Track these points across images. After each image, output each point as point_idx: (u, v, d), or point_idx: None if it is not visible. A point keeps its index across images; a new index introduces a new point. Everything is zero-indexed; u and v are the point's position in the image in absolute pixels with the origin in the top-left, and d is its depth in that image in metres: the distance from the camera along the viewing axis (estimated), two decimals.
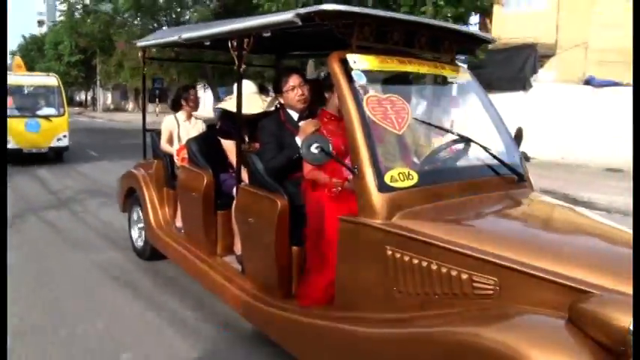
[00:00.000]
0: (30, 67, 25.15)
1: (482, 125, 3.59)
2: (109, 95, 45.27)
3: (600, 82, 14.27)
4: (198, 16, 20.44)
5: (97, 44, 28.56)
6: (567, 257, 2.23)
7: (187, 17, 22.32)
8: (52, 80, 12.90)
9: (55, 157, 12.59)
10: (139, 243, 5.60)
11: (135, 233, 5.72)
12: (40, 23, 68.78)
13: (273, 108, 4.09)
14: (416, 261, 2.47)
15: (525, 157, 3.57)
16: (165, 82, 26.14)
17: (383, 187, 2.63)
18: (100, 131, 23.13)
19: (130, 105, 42.95)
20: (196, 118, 5.49)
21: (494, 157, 3.26)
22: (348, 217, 2.75)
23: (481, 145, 3.24)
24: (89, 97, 46.92)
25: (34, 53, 47.43)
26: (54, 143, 12.19)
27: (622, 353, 1.82)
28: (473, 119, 3.65)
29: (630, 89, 11.63)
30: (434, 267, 2.41)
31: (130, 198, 5.74)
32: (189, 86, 5.70)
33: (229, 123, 4.27)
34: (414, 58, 3.34)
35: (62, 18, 27.85)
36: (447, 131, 3.29)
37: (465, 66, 3.75)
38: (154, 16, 22.06)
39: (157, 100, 19.97)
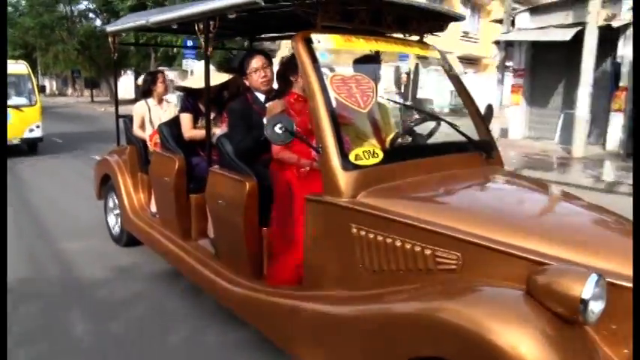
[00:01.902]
0: None
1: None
2: (54, 82, 50.28)
3: None
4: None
5: (35, 41, 31.70)
6: (527, 231, 2.26)
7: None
8: (21, 68, 12.14)
9: (28, 149, 11.95)
10: (116, 230, 5.57)
11: (111, 220, 5.69)
12: None
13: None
14: (380, 238, 2.49)
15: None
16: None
17: (347, 165, 2.64)
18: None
19: (70, 90, 48.60)
20: (167, 102, 5.45)
21: (462, 134, 3.28)
22: (313, 196, 2.76)
23: (449, 123, 3.26)
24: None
25: None
26: (26, 134, 11.57)
27: (576, 322, 1.86)
28: (442, 97, 3.66)
29: None
30: (398, 243, 2.43)
31: (106, 185, 5.70)
32: (156, 72, 5.64)
33: (190, 100, 4.47)
34: (381, 37, 3.33)
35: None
36: (415, 109, 3.29)
37: None
38: None
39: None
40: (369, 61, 3.72)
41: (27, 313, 3.92)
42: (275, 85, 3.75)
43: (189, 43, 15.38)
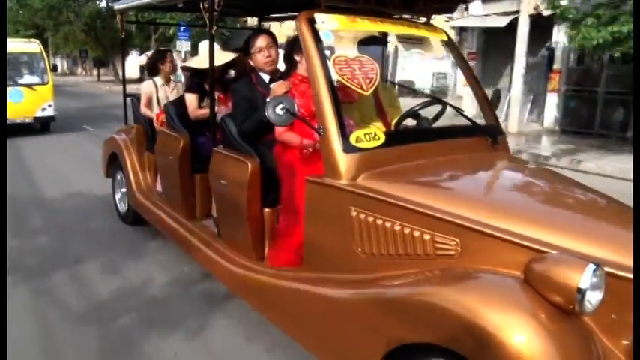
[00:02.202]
0: None
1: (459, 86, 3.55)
2: (65, 62, 52.52)
3: None
4: None
5: (44, 22, 32.71)
6: (527, 218, 2.23)
7: None
8: (33, 47, 12.21)
9: (41, 128, 12.11)
10: (123, 208, 5.61)
11: (118, 198, 5.73)
12: None
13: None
14: (380, 222, 2.47)
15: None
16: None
17: (348, 147, 2.61)
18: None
19: (79, 69, 50.78)
20: (175, 82, 5.43)
21: (467, 118, 3.24)
22: (314, 177, 2.74)
23: (454, 107, 3.22)
24: None
25: None
26: (39, 113, 11.64)
27: (572, 312, 1.84)
28: (424, 79, 3.61)
29: None
30: (397, 228, 2.41)
31: (113, 164, 5.72)
32: (165, 50, 5.62)
33: (195, 80, 4.44)
34: (387, 18, 3.28)
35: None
36: (420, 92, 3.24)
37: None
38: None
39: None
40: (374, 43, 3.68)
41: None
42: (282, 67, 3.72)
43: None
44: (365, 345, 2.34)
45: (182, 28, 19.15)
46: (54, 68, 13.38)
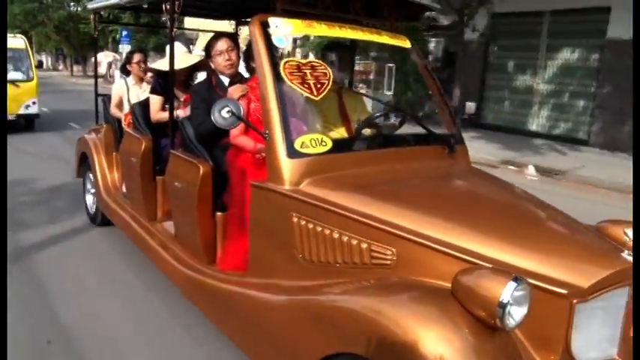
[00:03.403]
0: None
1: (421, 93, 3.52)
2: (49, 58, 54.61)
3: None
4: None
5: (22, 24, 36.19)
6: (463, 228, 2.20)
7: None
8: (18, 42, 11.88)
9: (25, 125, 11.81)
10: (92, 209, 5.55)
11: (89, 199, 5.66)
12: None
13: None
14: (319, 229, 2.43)
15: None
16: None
17: (292, 152, 2.57)
18: None
19: (61, 66, 53.67)
20: (148, 83, 5.39)
21: (424, 127, 3.20)
22: (257, 182, 2.71)
23: (411, 114, 3.18)
24: None
25: None
26: (22, 110, 11.34)
27: (494, 327, 1.80)
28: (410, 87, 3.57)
29: None
30: (335, 235, 2.37)
31: (84, 164, 5.67)
32: (134, 51, 5.58)
33: (160, 81, 4.40)
34: (348, 24, 3.25)
35: None
36: (374, 99, 3.20)
37: None
38: None
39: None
40: (342, 50, 3.64)
41: None
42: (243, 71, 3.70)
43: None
44: (300, 353, 2.30)
45: (124, 33, 24.69)
46: (39, 64, 13.19)
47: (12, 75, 11.31)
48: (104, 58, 28.56)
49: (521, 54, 14.06)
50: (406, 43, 3.56)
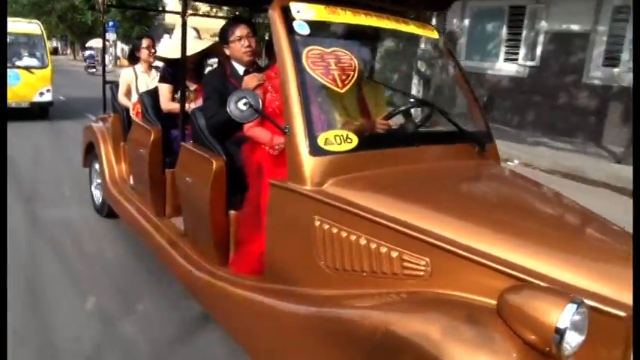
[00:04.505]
0: None
1: (448, 89, 3.31)
2: (58, 43, 59.82)
3: None
4: None
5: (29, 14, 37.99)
6: (508, 239, 1.97)
7: None
8: (34, 28, 11.65)
9: (39, 113, 11.42)
10: (98, 200, 5.37)
11: (95, 189, 5.49)
12: None
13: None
14: (345, 234, 2.22)
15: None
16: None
17: (315, 150, 2.36)
18: None
19: (68, 50, 57.61)
20: (157, 70, 5.18)
21: (454, 123, 2.98)
22: (277, 181, 2.49)
23: (440, 110, 2.96)
24: None
25: None
26: (36, 98, 10.99)
27: (548, 354, 1.59)
28: (437, 82, 3.35)
29: None
30: (363, 242, 2.16)
31: (91, 153, 5.49)
32: (142, 36, 5.36)
33: (169, 69, 4.20)
34: (372, 10, 3.02)
35: None
36: (404, 93, 2.99)
37: None
38: None
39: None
40: (364, 38, 3.41)
41: None
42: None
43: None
44: None
45: (110, 23, 28.78)
46: (54, 51, 13.04)
47: (26, 61, 11.15)
48: (95, 44, 31.80)
49: None
50: (434, 34, 3.34)
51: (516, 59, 12.81)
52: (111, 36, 29.57)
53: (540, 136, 11.87)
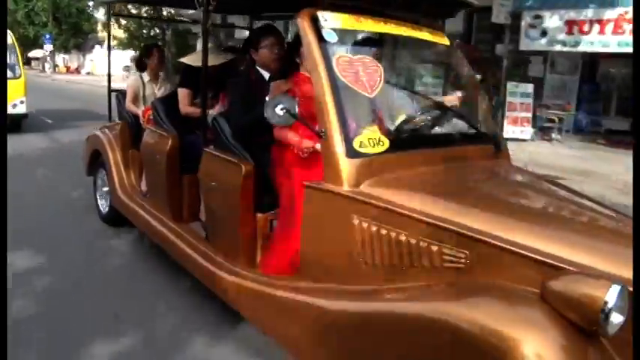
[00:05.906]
0: None
1: (462, 92, 3.45)
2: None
3: None
4: None
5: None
6: (543, 232, 2.11)
7: None
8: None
9: (11, 126, 10.54)
10: (105, 208, 5.40)
11: (100, 198, 5.52)
12: None
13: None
14: (384, 231, 2.34)
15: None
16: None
17: (351, 152, 2.48)
18: None
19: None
20: (164, 79, 5.25)
21: (472, 126, 3.13)
22: (313, 183, 2.60)
23: (458, 113, 3.11)
24: None
25: None
26: (8, 110, 10.10)
27: (594, 334, 1.73)
28: (451, 86, 3.50)
29: None
30: (402, 238, 2.28)
31: (95, 162, 5.51)
32: (151, 45, 5.44)
33: (190, 76, 4.29)
34: (390, 18, 3.16)
35: None
36: (423, 97, 3.13)
37: None
38: None
39: None
40: (385, 44, 3.53)
41: None
42: None
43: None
44: None
45: (47, 36, 37.26)
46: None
47: None
48: (37, 55, 36.94)
49: None
50: (445, 40, 3.49)
51: None
52: (48, 47, 36.86)
53: None
